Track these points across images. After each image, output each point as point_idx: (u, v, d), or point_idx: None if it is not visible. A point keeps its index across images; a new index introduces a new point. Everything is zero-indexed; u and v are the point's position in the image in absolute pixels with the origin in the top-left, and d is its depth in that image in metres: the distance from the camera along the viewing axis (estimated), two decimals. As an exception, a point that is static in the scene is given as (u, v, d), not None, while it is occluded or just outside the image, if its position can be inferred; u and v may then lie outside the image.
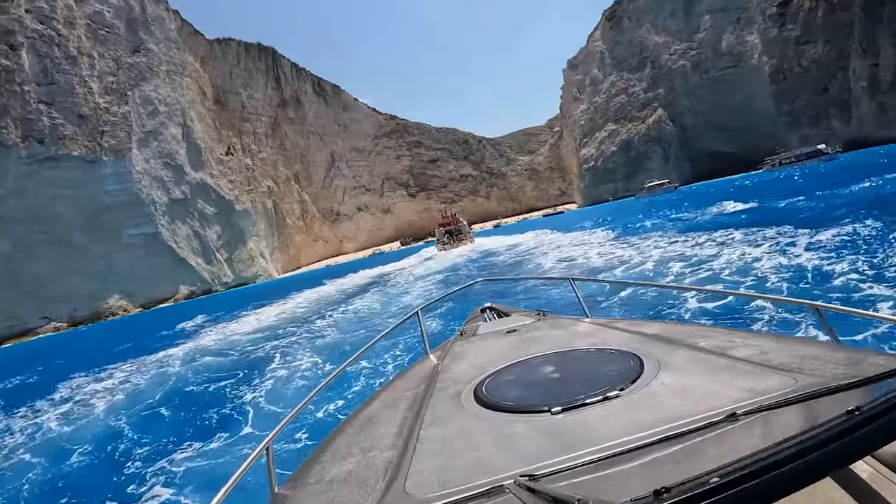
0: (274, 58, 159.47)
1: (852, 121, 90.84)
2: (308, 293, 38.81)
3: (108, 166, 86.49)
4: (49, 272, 76.64)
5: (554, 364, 2.74)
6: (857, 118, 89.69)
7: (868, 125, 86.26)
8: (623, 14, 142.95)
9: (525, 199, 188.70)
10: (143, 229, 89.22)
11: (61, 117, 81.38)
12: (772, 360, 2.14)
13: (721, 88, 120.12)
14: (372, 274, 46.44)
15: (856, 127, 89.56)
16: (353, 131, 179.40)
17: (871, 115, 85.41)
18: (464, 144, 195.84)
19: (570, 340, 3.23)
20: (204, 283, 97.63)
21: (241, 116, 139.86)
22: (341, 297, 30.03)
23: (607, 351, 2.77)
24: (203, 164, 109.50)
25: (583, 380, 2.37)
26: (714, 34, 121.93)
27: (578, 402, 2.07)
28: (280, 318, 25.74)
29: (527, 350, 3.20)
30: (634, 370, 2.32)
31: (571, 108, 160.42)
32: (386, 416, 2.71)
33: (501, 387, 2.58)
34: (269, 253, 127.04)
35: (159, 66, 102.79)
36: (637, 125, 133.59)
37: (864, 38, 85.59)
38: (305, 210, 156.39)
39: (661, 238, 22.67)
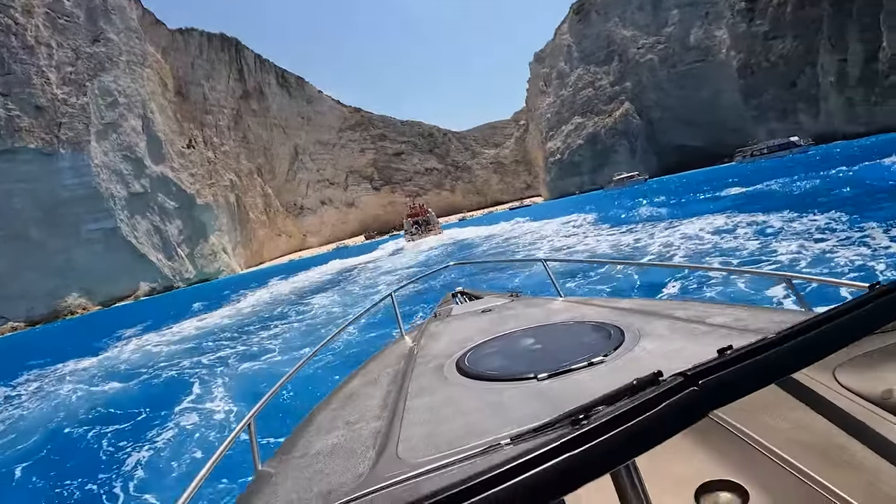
0: (237, 49, 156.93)
1: (820, 115, 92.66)
2: (258, 293, 35.87)
3: (66, 159, 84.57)
4: (5, 269, 74.78)
5: (534, 337, 2.79)
6: (825, 113, 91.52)
7: (836, 120, 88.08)
8: (591, 7, 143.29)
9: (490, 193, 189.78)
10: (101, 224, 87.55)
11: (17, 108, 79.23)
12: (749, 325, 2.22)
13: (688, 83, 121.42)
14: (333, 269, 43.96)
15: (824, 122, 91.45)
16: (317, 124, 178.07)
17: (839, 110, 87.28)
18: (429, 138, 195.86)
19: (548, 316, 3.27)
20: (165, 280, 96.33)
21: (203, 108, 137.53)
22: (294, 299, 26.62)
23: (587, 323, 2.83)
24: (164, 157, 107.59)
25: (565, 350, 2.42)
26: (682, 28, 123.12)
27: (564, 368, 2.11)
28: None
29: (504, 326, 3.25)
30: (616, 339, 2.37)
31: (538, 102, 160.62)
32: (368, 392, 2.76)
33: (484, 359, 2.61)
34: (231, 248, 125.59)
35: (119, 57, 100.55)
36: (604, 118, 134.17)
37: (832, 33, 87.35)
38: (269, 204, 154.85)
39: (671, 222, 21.82)
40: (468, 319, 3.88)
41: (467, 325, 3.63)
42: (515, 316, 3.52)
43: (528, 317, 3.37)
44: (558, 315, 3.23)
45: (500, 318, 3.56)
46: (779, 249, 12.26)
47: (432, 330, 3.79)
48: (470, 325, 3.60)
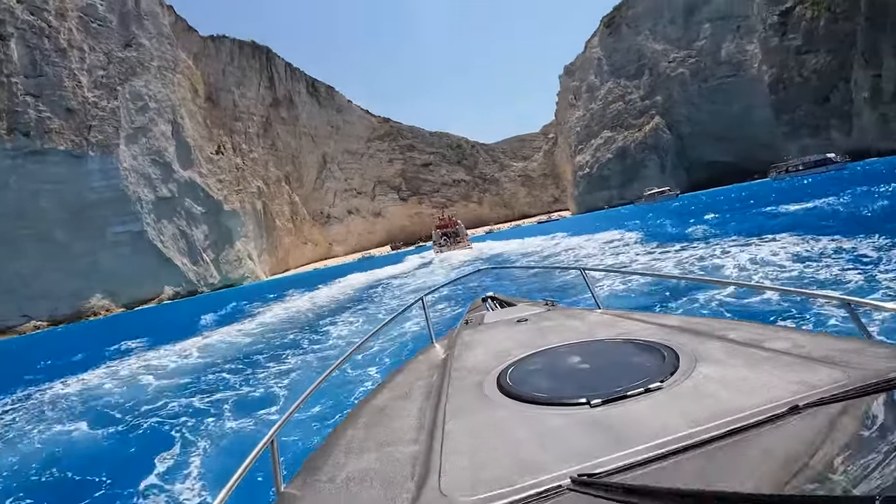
0: (268, 57, 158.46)
1: (853, 132, 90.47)
2: (274, 310, 30.16)
3: (95, 162, 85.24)
4: (30, 269, 75.19)
5: (579, 354, 2.58)
6: (858, 129, 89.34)
7: (870, 136, 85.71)
8: (622, 21, 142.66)
9: (518, 206, 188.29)
10: (128, 227, 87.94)
11: (48, 110, 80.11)
12: (812, 353, 2.07)
13: (720, 97, 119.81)
14: (356, 284, 39.11)
15: (857, 138, 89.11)
16: (346, 133, 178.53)
17: (873, 126, 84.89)
18: (457, 149, 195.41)
19: (590, 331, 3.09)
20: (189, 284, 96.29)
21: (233, 115, 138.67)
22: (311, 319, 22.46)
23: (635, 342, 2.62)
24: (192, 162, 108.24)
25: (616, 371, 2.25)
26: (714, 42, 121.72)
27: (618, 394, 1.94)
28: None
29: (544, 339, 3.05)
30: (670, 362, 2.19)
31: (567, 115, 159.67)
32: (400, 408, 2.53)
33: (527, 377, 2.41)
34: (256, 255, 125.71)
35: (151, 62, 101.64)
36: (634, 133, 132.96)
37: (866, 48, 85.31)
38: (295, 212, 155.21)
39: (726, 241, 19.45)
40: (503, 329, 3.69)
41: (503, 336, 3.44)
42: (554, 328, 3.34)
43: (569, 330, 3.22)
44: (601, 329, 3.08)
45: (538, 330, 3.36)
46: (848, 274, 10.65)
47: (465, 339, 3.59)
48: (506, 336, 3.40)
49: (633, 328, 2.99)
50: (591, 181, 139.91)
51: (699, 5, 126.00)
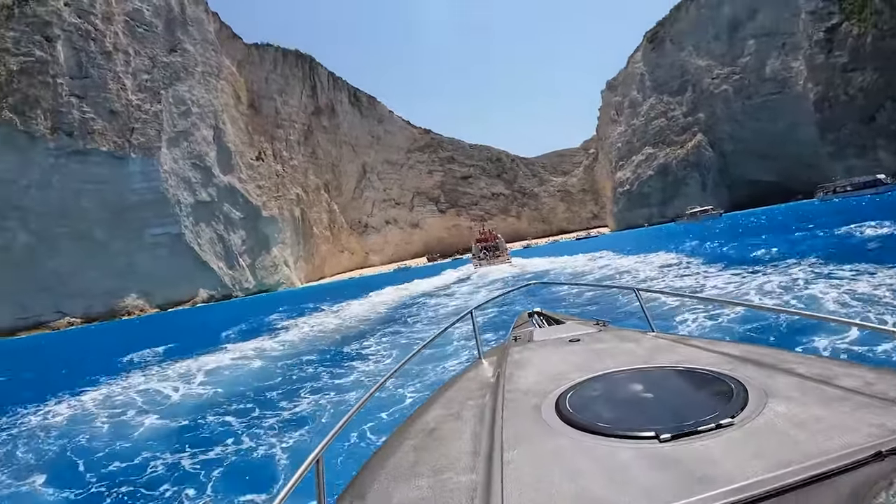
0: (311, 66, 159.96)
1: None
2: (299, 326, 25.72)
3: (136, 164, 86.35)
4: (67, 266, 76.20)
5: (642, 382, 2.41)
6: None
7: None
8: (665, 36, 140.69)
9: (556, 221, 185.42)
10: (166, 229, 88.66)
11: (92, 111, 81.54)
12: (889, 393, 1.94)
13: (763, 115, 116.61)
14: (390, 300, 34.43)
15: None
16: (387, 143, 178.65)
17: None
18: (497, 162, 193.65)
19: (649, 356, 2.90)
20: (224, 288, 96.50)
21: (275, 122, 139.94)
22: (336, 344, 18.45)
23: (699, 371, 2.44)
24: (232, 167, 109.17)
25: (682, 403, 2.13)
26: (758, 59, 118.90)
27: (688, 429, 1.83)
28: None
29: (600, 363, 2.88)
30: (740, 396, 2.06)
31: (608, 130, 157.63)
32: (452, 430, 2.38)
33: (588, 403, 2.26)
34: (293, 261, 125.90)
35: (195, 67, 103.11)
36: (675, 150, 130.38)
37: None
38: (333, 220, 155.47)
39: (803, 267, 16.95)
40: (555, 348, 3.55)
41: (556, 356, 3.31)
42: (610, 351, 3.19)
43: (625, 353, 3.08)
44: (660, 355, 2.95)
45: (593, 353, 3.21)
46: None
47: (515, 357, 3.44)
48: (559, 357, 3.28)
49: (692, 355, 2.81)
50: (631, 198, 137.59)
51: (744, 21, 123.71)
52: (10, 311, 70.86)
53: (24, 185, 73.90)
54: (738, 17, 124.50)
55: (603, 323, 4.37)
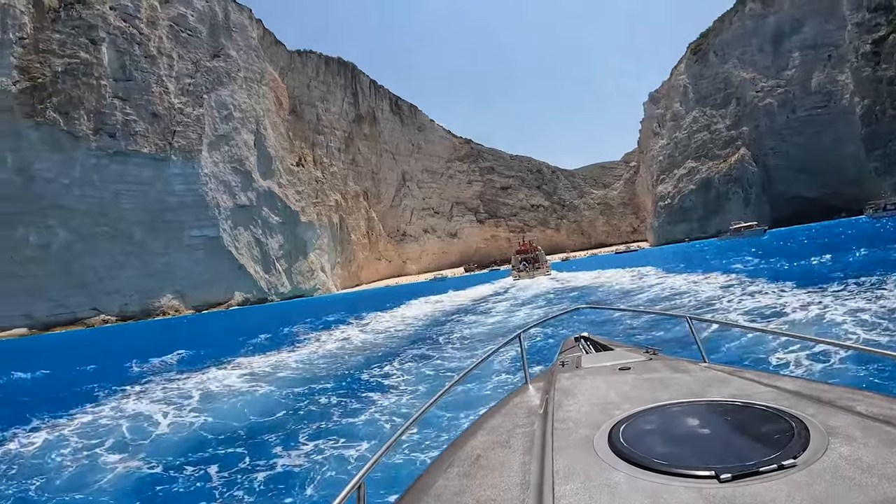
0: (353, 73, 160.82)
1: None
2: (322, 339, 23.30)
3: (177, 166, 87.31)
4: (105, 265, 77.25)
5: (697, 416, 2.31)
6: None
7: None
8: (709, 48, 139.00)
9: (595, 234, 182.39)
10: (204, 232, 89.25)
11: (135, 114, 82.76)
12: None
13: (808, 129, 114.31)
14: (423, 314, 31.74)
15: None
16: (427, 152, 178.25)
17: None
18: (537, 174, 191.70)
19: (703, 388, 2.79)
20: (260, 292, 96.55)
21: (316, 129, 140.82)
22: (357, 368, 16.17)
23: (756, 407, 2.35)
24: (272, 172, 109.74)
25: (740, 440, 2.03)
26: (803, 72, 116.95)
27: (750, 469, 1.75)
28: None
29: (654, 394, 2.79)
30: (801, 435, 1.98)
31: (650, 143, 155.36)
32: (499, 458, 2.27)
33: (642, 437, 2.17)
34: (329, 267, 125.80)
35: (237, 73, 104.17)
36: (718, 164, 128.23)
37: None
38: (371, 228, 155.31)
39: None
40: (605, 376, 3.42)
41: (606, 384, 3.19)
42: (662, 381, 3.08)
43: (678, 384, 2.97)
44: (714, 388, 2.82)
45: (645, 383, 3.12)
46: None
47: (564, 383, 3.35)
48: (609, 385, 3.17)
49: (747, 388, 2.69)
50: (672, 212, 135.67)
51: (788, 33, 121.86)
52: (47, 307, 72.03)
53: (66, 185, 75.21)
54: (783, 29, 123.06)
55: (653, 351, 4.14)
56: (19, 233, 71.97)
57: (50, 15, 79.35)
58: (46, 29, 78.18)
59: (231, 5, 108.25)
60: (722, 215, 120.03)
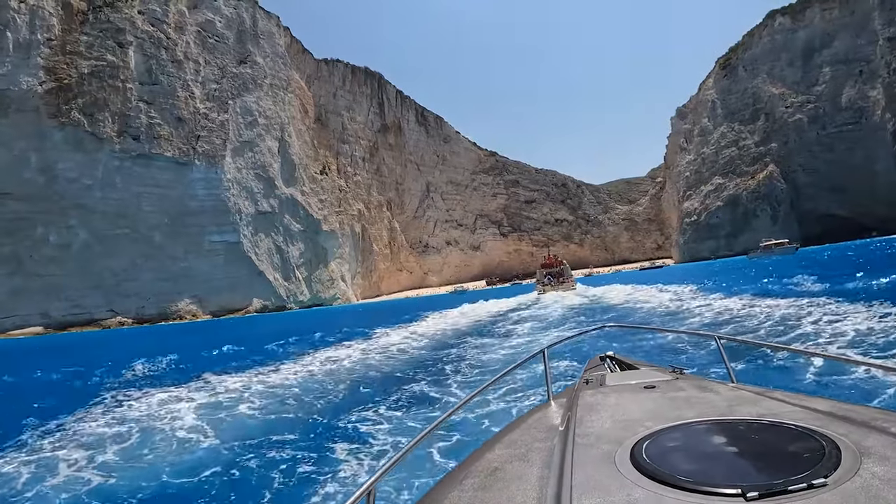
0: (380, 83, 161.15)
1: None
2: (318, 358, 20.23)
3: (200, 171, 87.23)
4: (123, 267, 77.19)
5: (724, 434, 2.27)
6: None
7: None
8: (738, 62, 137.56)
9: (619, 250, 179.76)
10: (225, 237, 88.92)
11: (159, 117, 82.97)
12: None
13: (838, 146, 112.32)
14: (436, 330, 28.74)
15: None
16: (452, 164, 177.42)
17: None
18: (562, 188, 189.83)
19: (730, 407, 2.72)
20: (278, 299, 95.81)
21: (341, 138, 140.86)
22: (349, 392, 14.41)
23: (786, 426, 2.32)
24: (295, 180, 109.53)
25: (768, 459, 1.98)
26: (834, 87, 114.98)
27: (777, 487, 1.72)
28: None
29: (678, 412, 2.73)
30: (832, 454, 1.92)
31: (677, 159, 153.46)
32: (516, 471, 2.26)
33: (666, 454, 2.12)
34: (350, 277, 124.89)
35: (263, 80, 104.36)
36: (746, 180, 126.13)
37: None
38: (394, 238, 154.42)
39: None
40: (629, 394, 3.37)
41: (630, 402, 3.14)
42: (688, 400, 3.03)
43: (704, 403, 2.91)
44: (742, 407, 2.76)
45: (670, 401, 3.05)
46: None
47: (587, 400, 3.30)
48: (634, 403, 3.12)
49: (777, 408, 2.64)
50: (698, 229, 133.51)
51: (819, 48, 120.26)
52: (64, 307, 72.04)
53: (88, 185, 75.49)
54: (813, 44, 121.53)
55: (679, 370, 3.98)
56: (39, 232, 72.28)
57: (78, 17, 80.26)
58: (74, 31, 79.09)
59: (259, 12, 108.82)
60: (749, 233, 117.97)
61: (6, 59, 72.51)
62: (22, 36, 74.22)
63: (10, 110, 71.52)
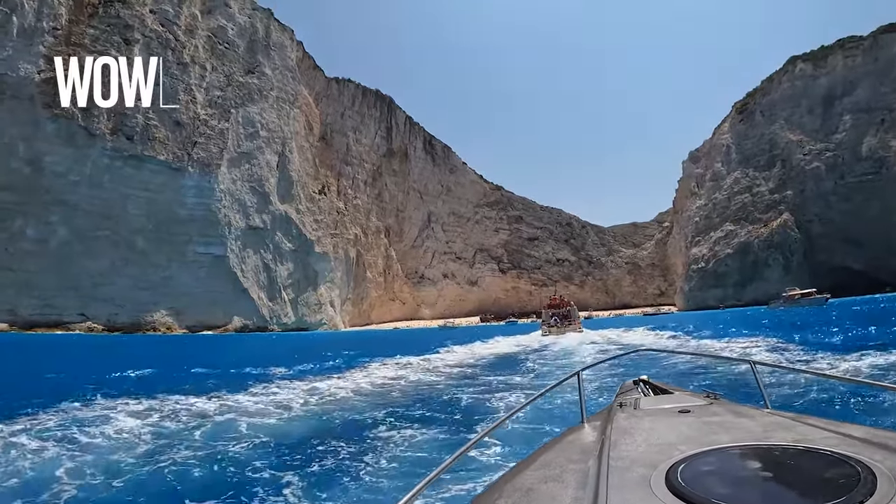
0: (390, 107, 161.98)
1: None
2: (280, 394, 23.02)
3: (192, 178, 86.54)
4: (101, 270, 75.75)
5: (759, 459, 2.31)
6: None
7: None
8: (756, 107, 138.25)
9: (620, 294, 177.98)
10: (210, 249, 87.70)
11: (156, 119, 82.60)
12: None
13: (857, 196, 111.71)
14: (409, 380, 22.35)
15: None
16: (456, 195, 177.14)
17: None
18: (566, 227, 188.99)
19: (765, 433, 2.78)
20: (260, 320, 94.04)
21: (344, 159, 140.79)
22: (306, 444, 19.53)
23: (821, 452, 2.34)
24: (292, 197, 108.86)
25: (803, 485, 2.03)
26: (854, 136, 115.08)
27: None
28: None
29: (713, 437, 2.77)
30: (868, 481, 1.94)
31: (686, 203, 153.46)
32: (550, 492, 2.30)
33: (701, 478, 2.14)
34: (339, 303, 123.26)
35: (270, 91, 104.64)
36: (758, 228, 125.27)
37: None
38: (389, 266, 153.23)
39: None
40: (664, 419, 3.45)
41: (665, 427, 3.21)
42: (723, 425, 3.07)
43: (739, 429, 2.96)
44: (777, 433, 2.82)
45: (705, 426, 3.10)
46: None
47: (622, 423, 3.37)
48: (668, 427, 3.19)
49: (812, 434, 2.67)
50: (705, 276, 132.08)
51: (840, 95, 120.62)
52: (34, 305, 70.25)
53: (74, 181, 74.57)
54: (835, 91, 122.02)
55: (714, 395, 4.06)
56: (18, 225, 70.94)
57: (88, 10, 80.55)
58: (82, 23, 79.24)
59: (273, 24, 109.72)
60: (759, 282, 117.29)
61: (8, 44, 72.25)
62: (28, 22, 74.20)
63: (4, 96, 70.96)
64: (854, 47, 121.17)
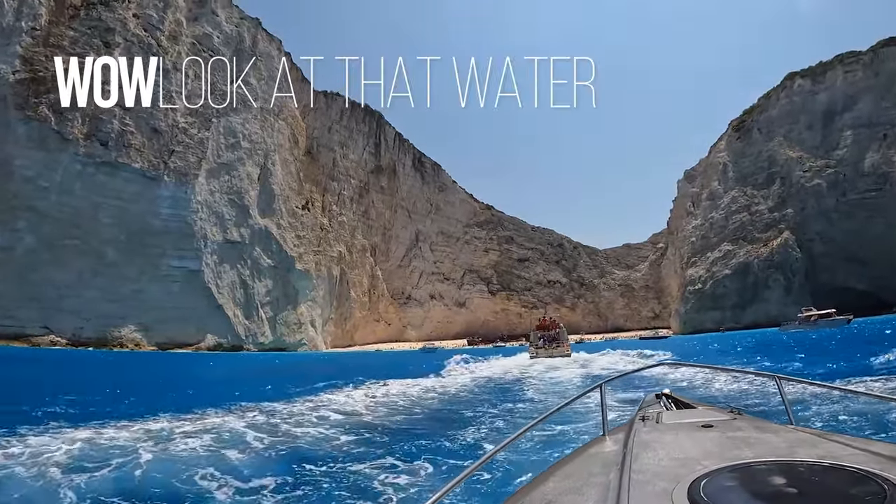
0: (379, 123, 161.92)
1: None
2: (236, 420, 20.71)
3: (168, 188, 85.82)
4: (68, 281, 74.46)
5: (784, 476, 2.31)
6: None
7: None
8: (753, 124, 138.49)
9: (613, 317, 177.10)
10: (185, 263, 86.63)
11: (133, 125, 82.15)
12: None
13: (859, 214, 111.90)
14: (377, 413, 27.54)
15: None
16: (445, 214, 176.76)
17: None
18: (558, 248, 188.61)
19: (790, 449, 2.82)
20: (235, 338, 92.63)
21: (330, 174, 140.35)
22: None
23: (847, 469, 2.35)
24: (273, 211, 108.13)
25: (828, 502, 2.05)
26: (856, 152, 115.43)
27: None
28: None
29: (736, 452, 2.81)
30: (893, 498, 1.98)
31: (682, 223, 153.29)
32: (570, 503, 2.38)
33: (723, 494, 2.16)
34: (321, 323, 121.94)
35: (254, 102, 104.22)
36: (758, 248, 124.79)
37: None
38: (374, 286, 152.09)
39: None
40: (687, 433, 3.48)
41: (688, 441, 3.25)
42: (747, 440, 3.12)
43: (763, 444, 3.03)
44: (801, 449, 2.87)
45: (728, 441, 3.14)
46: None
47: (644, 437, 3.42)
48: (691, 442, 3.23)
49: (837, 451, 2.71)
50: (702, 298, 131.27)
51: (840, 111, 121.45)
52: (-8, 316, 68.73)
53: (44, 187, 73.61)
54: (835, 107, 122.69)
55: (737, 411, 4.16)
56: (-20, 230, 69.89)
57: (69, 11, 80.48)
58: (62, 24, 79.09)
59: (261, 34, 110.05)
60: (758, 304, 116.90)
61: (-17, 44, 71.96)
62: (6, 21, 73.80)
63: (-25, 96, 70.52)
64: (854, 62, 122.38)
